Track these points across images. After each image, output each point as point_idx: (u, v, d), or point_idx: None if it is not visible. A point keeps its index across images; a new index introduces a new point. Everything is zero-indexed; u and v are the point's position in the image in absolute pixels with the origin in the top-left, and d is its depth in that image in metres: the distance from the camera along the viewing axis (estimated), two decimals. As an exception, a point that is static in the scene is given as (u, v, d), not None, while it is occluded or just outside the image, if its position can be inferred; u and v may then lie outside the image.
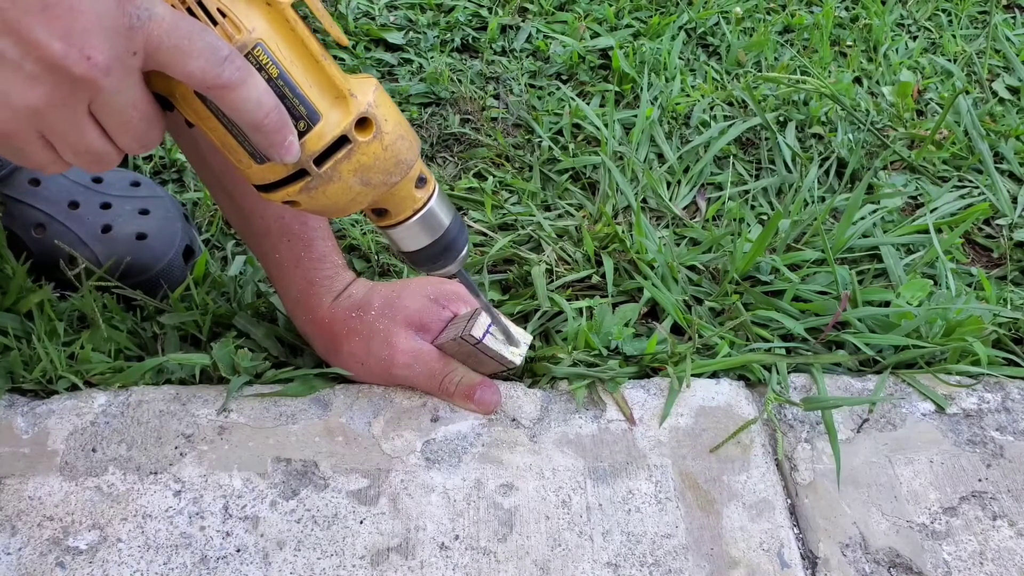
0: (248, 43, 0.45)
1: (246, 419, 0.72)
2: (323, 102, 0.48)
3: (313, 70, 0.48)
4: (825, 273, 0.88)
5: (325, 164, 0.50)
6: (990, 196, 1.02)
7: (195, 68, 0.43)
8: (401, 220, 0.57)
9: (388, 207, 0.56)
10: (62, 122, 0.43)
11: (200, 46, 0.43)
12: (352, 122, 0.49)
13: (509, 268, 0.89)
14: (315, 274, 0.74)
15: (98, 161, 0.46)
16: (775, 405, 0.77)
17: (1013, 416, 0.77)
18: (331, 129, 0.49)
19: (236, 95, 0.44)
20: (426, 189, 0.56)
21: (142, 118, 0.45)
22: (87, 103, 0.43)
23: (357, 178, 0.51)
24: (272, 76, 0.46)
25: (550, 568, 0.64)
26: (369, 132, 0.50)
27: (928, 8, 1.38)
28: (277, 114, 0.46)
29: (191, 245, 0.85)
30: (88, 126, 0.44)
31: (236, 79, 0.44)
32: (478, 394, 0.73)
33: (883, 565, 0.66)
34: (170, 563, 0.63)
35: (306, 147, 0.49)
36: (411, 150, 0.53)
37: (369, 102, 0.50)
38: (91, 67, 0.41)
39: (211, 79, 0.43)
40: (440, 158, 1.07)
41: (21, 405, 0.72)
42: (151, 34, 0.42)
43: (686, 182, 1.03)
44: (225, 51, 0.43)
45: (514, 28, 1.28)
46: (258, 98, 0.45)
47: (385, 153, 0.51)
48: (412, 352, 0.73)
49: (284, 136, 0.47)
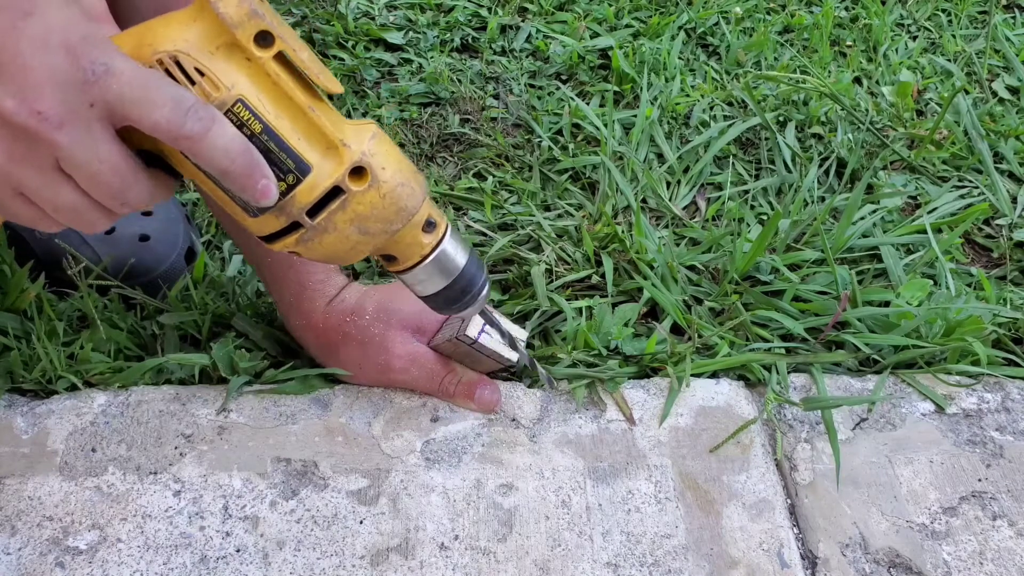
0: (228, 100, 0.45)
1: (246, 419, 0.72)
2: (313, 153, 0.48)
3: (301, 121, 0.47)
4: (825, 273, 0.88)
5: (319, 216, 0.49)
6: (990, 196, 1.02)
7: (159, 119, 0.43)
8: (410, 266, 0.56)
9: (395, 254, 0.55)
10: (31, 179, 0.43)
11: (163, 97, 0.43)
12: (345, 172, 0.48)
13: (509, 268, 0.89)
14: (307, 278, 0.74)
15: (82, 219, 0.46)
16: (775, 405, 0.77)
17: (1013, 416, 0.77)
18: (322, 180, 0.48)
19: (202, 145, 0.44)
20: (435, 233, 0.55)
21: (113, 172, 0.44)
22: (52, 159, 0.43)
23: (354, 228, 0.50)
24: (255, 131, 0.46)
25: (550, 568, 0.64)
26: (364, 181, 0.49)
27: (928, 8, 1.38)
28: (244, 159, 0.45)
29: (193, 247, 0.85)
30: (59, 182, 0.44)
31: (199, 129, 0.43)
32: (478, 393, 0.73)
33: (883, 565, 0.66)
34: (170, 563, 0.63)
35: (296, 200, 0.48)
36: (413, 197, 0.52)
37: (363, 151, 0.49)
38: (42, 121, 0.41)
39: (175, 129, 0.43)
40: (440, 158, 1.07)
41: (21, 405, 0.72)
42: (109, 88, 0.42)
43: (686, 182, 1.03)
44: (188, 101, 0.43)
45: (514, 28, 1.28)
46: (224, 145, 0.44)
47: (383, 201, 0.50)
48: (409, 356, 0.73)
49: (255, 180, 0.46)
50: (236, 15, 0.45)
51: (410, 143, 1.07)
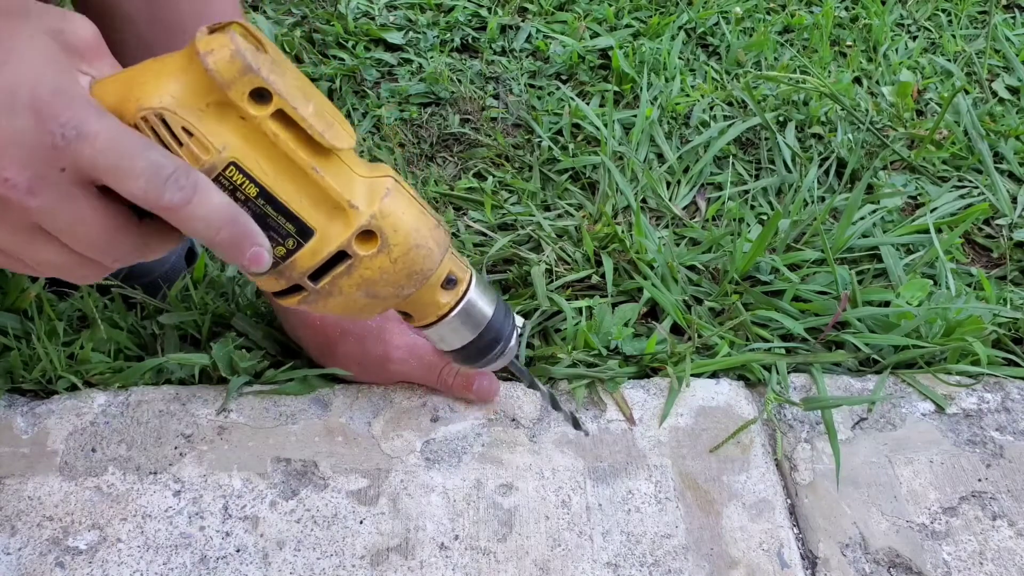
0: (218, 164, 0.42)
1: (246, 419, 0.72)
2: (317, 216, 0.45)
3: (303, 183, 0.44)
4: (825, 273, 0.88)
5: (322, 280, 0.47)
6: (990, 196, 1.02)
7: (136, 189, 0.40)
8: (428, 324, 0.53)
9: (410, 312, 0.52)
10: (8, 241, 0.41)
11: (141, 166, 0.39)
12: (352, 236, 0.45)
13: (509, 268, 0.89)
14: None
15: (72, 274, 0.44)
16: (775, 405, 0.77)
17: (1013, 416, 0.77)
18: (326, 245, 0.45)
19: (182, 216, 0.41)
20: (456, 290, 0.52)
21: (100, 231, 0.41)
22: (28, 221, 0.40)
23: (361, 292, 0.47)
24: (250, 196, 0.43)
25: (550, 568, 0.64)
26: (373, 245, 0.46)
27: (928, 8, 1.38)
28: (231, 229, 0.42)
29: (193, 247, 0.85)
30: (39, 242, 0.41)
31: (179, 200, 0.40)
32: (476, 384, 0.73)
33: (883, 565, 0.66)
34: (170, 563, 0.63)
35: (296, 264, 0.46)
36: (429, 259, 0.48)
37: (374, 213, 0.45)
38: (9, 188, 0.39)
39: (152, 201, 0.40)
40: (440, 158, 1.07)
41: (21, 405, 0.72)
42: (80, 154, 0.39)
43: (686, 182, 1.03)
44: (168, 169, 0.40)
45: (514, 28, 1.28)
46: (206, 216, 0.41)
47: (394, 266, 0.47)
48: (407, 347, 0.73)
49: (244, 251, 0.43)
50: (227, 73, 0.40)
51: (410, 143, 1.07)
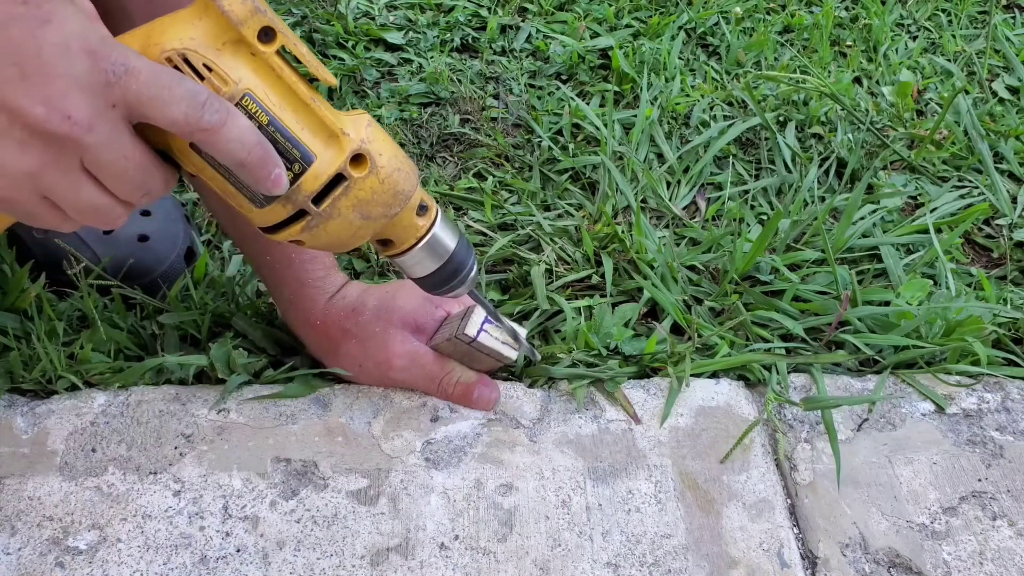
0: (236, 94, 0.47)
1: (246, 419, 0.72)
2: (316, 143, 0.50)
3: (304, 113, 0.49)
4: (825, 273, 0.88)
5: (323, 203, 0.51)
6: (990, 196, 1.02)
7: (177, 114, 0.44)
8: (405, 249, 0.58)
9: (391, 237, 0.57)
10: (59, 182, 0.45)
11: (179, 93, 0.44)
12: (347, 159, 0.50)
13: (509, 268, 0.89)
14: (306, 275, 0.74)
15: (104, 217, 0.47)
16: (775, 405, 0.77)
17: (1013, 416, 0.77)
18: (326, 168, 0.50)
19: (219, 137, 0.45)
20: (428, 216, 0.57)
21: (136, 168, 0.46)
22: (79, 160, 0.44)
23: (356, 213, 0.52)
24: (263, 123, 0.48)
25: (550, 568, 0.64)
26: (364, 168, 0.51)
27: (928, 8, 1.38)
28: (260, 149, 0.47)
29: (193, 247, 0.85)
30: (85, 183, 0.45)
31: (216, 121, 0.45)
32: (476, 392, 0.73)
33: (883, 565, 0.66)
34: (170, 563, 0.63)
35: (302, 188, 0.50)
36: (408, 180, 0.54)
37: (363, 138, 0.51)
38: (73, 126, 0.43)
39: (193, 123, 0.44)
40: (440, 158, 1.07)
41: (21, 405, 0.72)
42: (128, 88, 0.43)
43: (686, 182, 1.03)
44: (203, 95, 0.45)
45: (514, 28, 1.28)
46: (240, 136, 0.46)
47: (382, 186, 0.52)
48: (408, 355, 0.73)
49: (269, 170, 0.48)
50: (241, 12, 0.46)
51: (410, 143, 1.07)
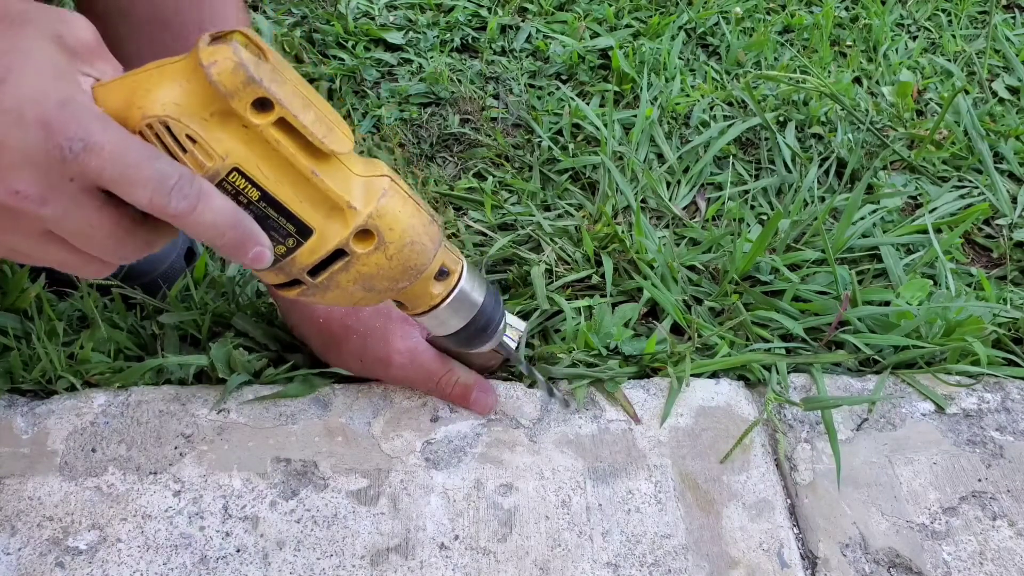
0: (222, 170, 0.44)
1: (246, 419, 0.72)
2: (316, 216, 0.47)
3: (303, 186, 0.46)
4: (825, 273, 0.88)
5: (321, 275, 0.49)
6: (990, 196, 1.02)
7: (142, 198, 0.42)
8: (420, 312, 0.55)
9: (403, 301, 0.55)
10: (22, 244, 0.43)
11: (146, 175, 0.41)
12: (350, 235, 0.48)
13: (509, 268, 0.89)
14: None
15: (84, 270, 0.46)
16: (775, 405, 0.77)
17: (1013, 416, 0.77)
18: (325, 244, 0.48)
19: (188, 222, 0.43)
20: (448, 281, 0.55)
21: (106, 235, 0.43)
22: (40, 227, 0.42)
23: (358, 286, 0.50)
24: (252, 199, 0.45)
25: (550, 568, 0.64)
26: (370, 243, 0.49)
27: (928, 8, 1.38)
28: (235, 232, 0.45)
29: (193, 247, 0.85)
30: (51, 245, 0.44)
31: (184, 208, 0.42)
32: (474, 396, 0.73)
33: (883, 565, 0.66)
34: (170, 563, 0.63)
35: (296, 261, 0.48)
36: (423, 255, 0.51)
37: (371, 212, 0.48)
38: (21, 200, 0.41)
39: (159, 209, 0.42)
40: (440, 158, 1.07)
41: (21, 405, 0.72)
42: (88, 165, 0.41)
43: (686, 182, 1.03)
44: (173, 179, 0.42)
45: (514, 28, 1.28)
46: (212, 221, 0.43)
47: (390, 263, 0.50)
48: (408, 351, 0.73)
49: (247, 251, 0.46)
50: (230, 84, 0.42)
51: (410, 143, 1.07)
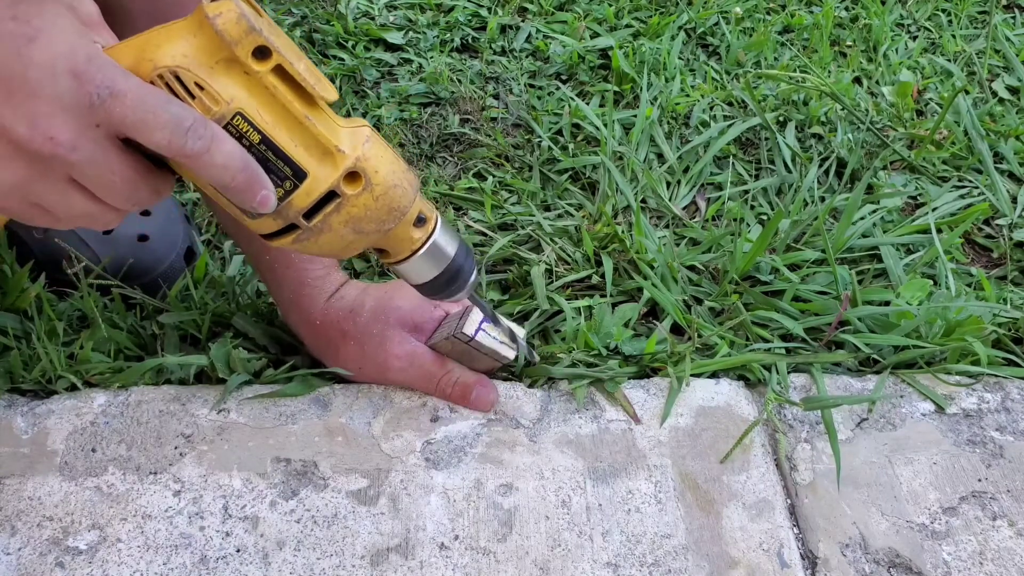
0: (227, 113, 0.47)
1: (246, 419, 0.72)
2: (309, 160, 0.50)
3: (298, 131, 0.49)
4: (825, 273, 0.88)
5: (315, 218, 0.51)
6: (990, 196, 1.02)
7: (161, 140, 0.45)
8: (401, 259, 0.58)
9: (387, 248, 0.58)
10: (47, 193, 0.46)
11: (164, 119, 0.44)
12: (340, 177, 0.51)
13: (509, 268, 0.89)
14: (306, 275, 0.74)
15: (96, 221, 0.48)
16: (775, 405, 0.77)
17: (1013, 416, 0.77)
18: (318, 186, 0.50)
19: (202, 162, 0.46)
20: (425, 228, 0.58)
21: (124, 181, 0.46)
22: (65, 175, 0.45)
23: (349, 228, 0.53)
24: (254, 142, 0.48)
25: (550, 568, 0.64)
26: (359, 185, 0.52)
27: (928, 8, 1.38)
28: (245, 174, 0.47)
29: (192, 247, 0.85)
30: (73, 194, 0.46)
31: (199, 148, 0.45)
32: (475, 393, 0.73)
33: (883, 565, 0.66)
34: (170, 563, 0.63)
35: (293, 204, 0.50)
36: (405, 196, 0.54)
37: (358, 156, 0.51)
38: (56, 146, 0.44)
39: (176, 149, 0.45)
40: (440, 158, 1.07)
41: (21, 405, 0.72)
42: (112, 111, 0.44)
43: (686, 182, 1.03)
44: (188, 121, 0.45)
45: (514, 28, 1.28)
46: (224, 162, 0.46)
47: (376, 203, 0.53)
48: (406, 355, 0.73)
49: (255, 193, 0.48)
50: (235, 32, 0.46)
51: (410, 143, 1.07)
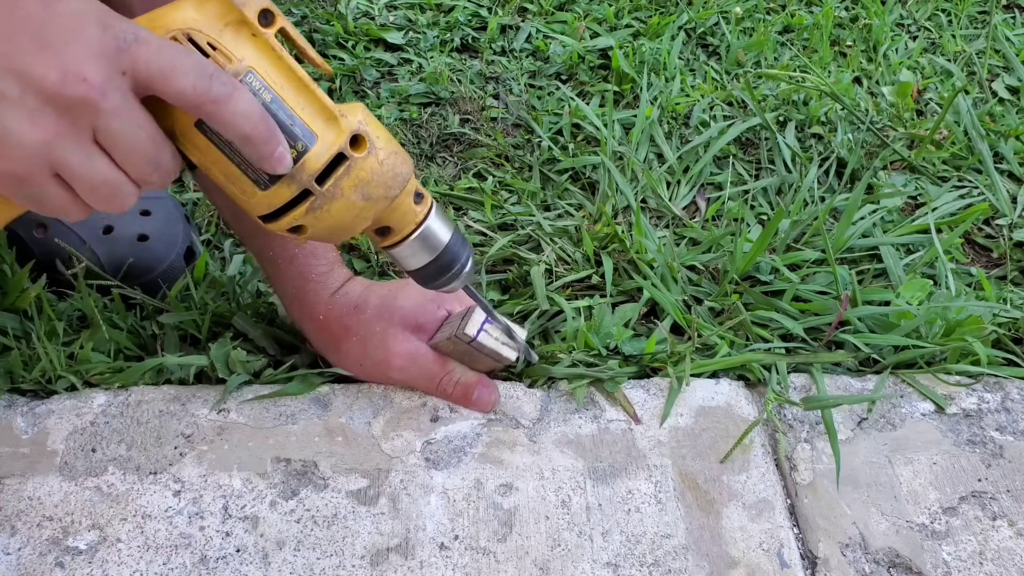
0: (240, 71, 0.48)
1: (246, 419, 0.72)
2: (317, 123, 0.51)
3: (304, 94, 0.50)
4: (825, 273, 0.88)
5: (327, 182, 0.52)
6: (990, 196, 1.02)
7: (186, 84, 0.45)
8: (403, 238, 0.58)
9: (391, 224, 0.58)
10: (72, 153, 0.45)
11: (188, 65, 0.45)
12: (346, 140, 0.51)
13: (509, 268, 0.90)
14: (310, 270, 0.74)
15: (114, 195, 0.47)
16: (775, 405, 0.77)
17: (1013, 416, 0.77)
18: (327, 148, 0.51)
19: (226, 108, 0.46)
20: (424, 204, 0.58)
21: (148, 138, 0.46)
22: (91, 130, 0.45)
23: (358, 193, 0.53)
24: (266, 101, 0.49)
25: (550, 568, 0.64)
26: (363, 149, 0.52)
27: (928, 8, 1.38)
28: (265, 124, 0.47)
29: (192, 247, 0.85)
30: (97, 155, 0.46)
31: (224, 93, 0.46)
32: (476, 393, 0.73)
33: (883, 565, 0.66)
34: (170, 563, 0.63)
35: (306, 167, 0.51)
36: (405, 164, 0.55)
37: (360, 120, 0.52)
38: (88, 88, 0.43)
39: (201, 93, 0.45)
40: (440, 158, 1.07)
41: (21, 405, 0.72)
42: (139, 56, 0.44)
43: (686, 182, 1.03)
44: (211, 68, 0.46)
45: (514, 28, 1.28)
46: (246, 110, 0.47)
47: (381, 167, 0.53)
48: (408, 354, 0.73)
49: (274, 146, 0.48)
50: None
51: (410, 143, 1.07)
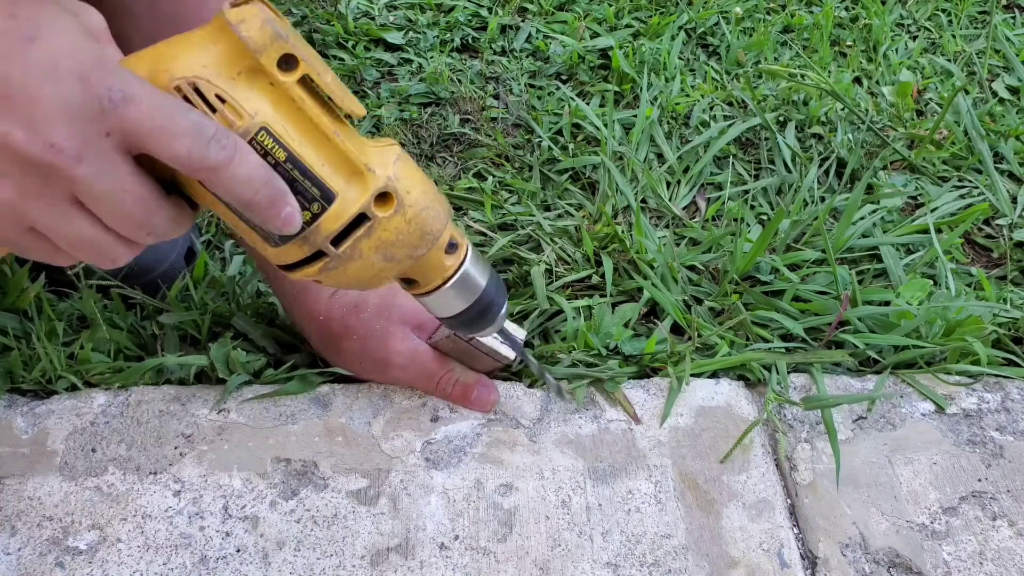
0: (251, 128, 0.43)
1: (246, 419, 0.72)
2: (338, 180, 0.46)
3: (326, 148, 0.46)
4: (825, 273, 0.88)
5: (343, 244, 0.48)
6: (990, 196, 1.02)
7: (180, 149, 0.40)
8: (431, 289, 0.55)
9: (417, 278, 0.54)
10: (45, 215, 0.41)
11: (184, 126, 0.40)
12: (371, 198, 0.47)
13: (509, 268, 0.90)
14: None
15: (102, 254, 0.43)
16: (775, 405, 0.77)
17: (1013, 416, 0.77)
18: (348, 207, 0.47)
19: (224, 175, 0.42)
20: (457, 255, 0.54)
21: (136, 202, 0.42)
22: (68, 192, 0.40)
23: (379, 255, 0.49)
24: (280, 160, 0.44)
25: (550, 568, 0.64)
26: (390, 207, 0.48)
27: (928, 8, 1.38)
28: (269, 189, 0.43)
29: (192, 247, 0.85)
30: (76, 216, 0.41)
31: (223, 159, 0.41)
32: (475, 393, 0.73)
33: (883, 565, 0.66)
34: (170, 563, 0.63)
35: (321, 228, 0.47)
36: (438, 220, 0.51)
37: (389, 176, 0.47)
38: (56, 155, 0.39)
39: (197, 160, 0.41)
40: (440, 158, 1.07)
41: (21, 405, 0.72)
42: (126, 117, 0.39)
43: (686, 182, 1.03)
44: (211, 130, 0.41)
45: (514, 28, 1.28)
46: (248, 175, 0.42)
47: (409, 227, 0.49)
48: (408, 353, 0.73)
49: (279, 210, 0.44)
50: (259, 39, 0.42)
51: (410, 143, 1.07)
